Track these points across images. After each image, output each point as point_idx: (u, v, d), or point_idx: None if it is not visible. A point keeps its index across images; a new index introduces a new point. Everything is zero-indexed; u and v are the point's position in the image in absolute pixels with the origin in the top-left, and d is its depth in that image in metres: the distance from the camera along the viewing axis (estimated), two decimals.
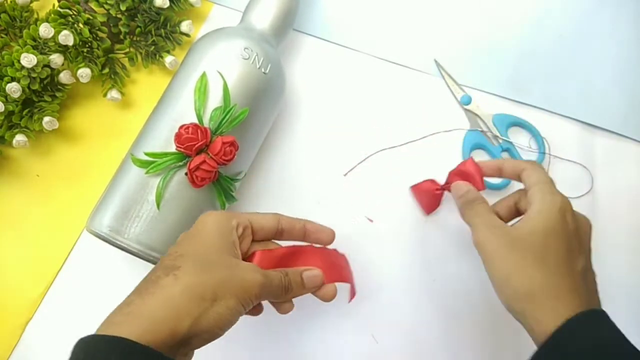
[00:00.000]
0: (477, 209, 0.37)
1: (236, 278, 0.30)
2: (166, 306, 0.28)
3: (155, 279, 0.29)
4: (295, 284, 0.34)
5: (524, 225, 0.34)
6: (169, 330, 0.27)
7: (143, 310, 0.28)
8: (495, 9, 0.54)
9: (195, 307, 0.28)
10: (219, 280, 0.29)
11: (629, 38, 0.54)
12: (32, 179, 0.47)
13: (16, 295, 0.44)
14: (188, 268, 0.29)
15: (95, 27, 0.47)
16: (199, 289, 0.28)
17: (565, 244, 0.33)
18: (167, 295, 0.28)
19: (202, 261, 0.30)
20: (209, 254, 0.31)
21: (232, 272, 0.30)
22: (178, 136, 0.38)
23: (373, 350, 0.44)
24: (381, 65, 0.52)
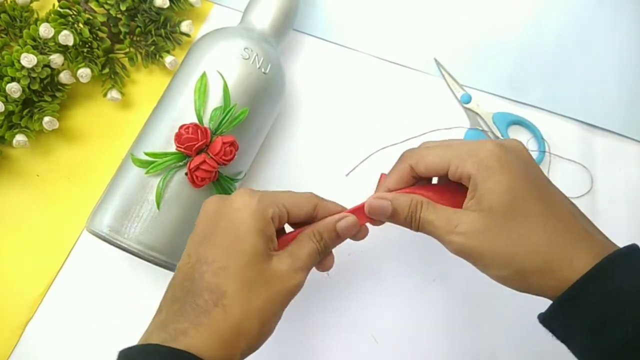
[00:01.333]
0: (424, 219, 0.32)
1: (280, 292, 0.30)
2: (221, 342, 0.28)
3: (205, 306, 0.28)
4: (330, 241, 0.33)
5: (482, 203, 0.29)
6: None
7: (200, 344, 0.27)
8: (495, 9, 0.54)
9: (244, 341, 0.29)
10: (264, 303, 0.29)
11: (629, 38, 0.54)
12: (32, 179, 0.47)
13: (16, 295, 0.44)
14: (234, 295, 0.29)
15: (95, 27, 0.47)
16: (247, 321, 0.29)
17: (536, 191, 0.29)
18: (221, 332, 0.28)
19: (245, 282, 0.29)
20: (249, 267, 0.29)
21: (275, 287, 0.30)
22: (178, 136, 0.38)
23: (373, 350, 0.44)
24: (381, 65, 0.52)
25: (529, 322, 0.44)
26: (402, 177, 0.33)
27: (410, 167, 0.32)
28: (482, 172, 0.29)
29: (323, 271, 0.34)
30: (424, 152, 0.32)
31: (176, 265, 0.39)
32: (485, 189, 0.29)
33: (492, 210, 0.29)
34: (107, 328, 0.44)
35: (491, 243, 0.29)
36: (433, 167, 0.31)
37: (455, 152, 0.31)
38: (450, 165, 0.30)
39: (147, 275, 0.46)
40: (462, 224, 0.30)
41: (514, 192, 0.29)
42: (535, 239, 0.28)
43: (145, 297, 0.45)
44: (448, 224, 0.30)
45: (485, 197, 0.29)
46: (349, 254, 0.46)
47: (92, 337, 0.44)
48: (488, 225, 0.29)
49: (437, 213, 0.31)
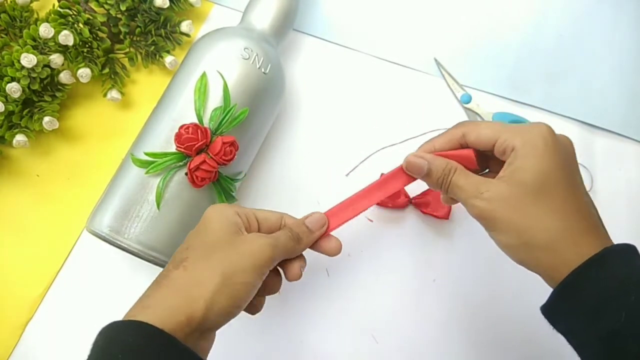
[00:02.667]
0: (455, 183, 0.33)
1: (243, 252, 0.31)
2: (179, 295, 0.29)
3: (167, 272, 0.31)
4: (302, 233, 0.34)
5: (515, 175, 0.31)
6: (185, 316, 0.28)
7: (158, 301, 0.29)
8: (495, 9, 0.54)
9: (206, 291, 0.29)
10: (225, 260, 0.30)
11: (629, 38, 0.54)
12: (32, 179, 0.47)
13: (16, 295, 0.44)
14: (195, 257, 0.31)
15: (95, 27, 0.47)
16: (207, 272, 0.30)
17: (566, 180, 0.31)
18: (179, 285, 0.30)
19: (208, 248, 0.31)
20: (214, 240, 0.31)
21: (238, 248, 0.31)
22: (178, 136, 0.38)
23: (373, 350, 0.44)
24: (381, 65, 0.52)
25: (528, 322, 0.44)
26: (452, 140, 0.34)
27: (462, 134, 0.34)
28: (527, 147, 0.31)
29: (290, 280, 0.35)
30: (480, 123, 0.34)
31: None
32: (523, 163, 0.31)
33: (522, 184, 0.30)
34: None
35: (510, 212, 0.30)
36: (484, 137, 0.33)
37: (509, 128, 0.32)
38: (499, 138, 0.32)
39: (147, 275, 0.45)
40: (488, 191, 0.31)
41: (548, 176, 0.30)
42: (551, 219, 0.30)
43: None
44: (475, 189, 0.32)
45: (520, 171, 0.31)
46: (349, 254, 0.46)
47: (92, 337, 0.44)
48: (513, 196, 0.30)
49: (467, 178, 0.33)
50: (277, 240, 0.33)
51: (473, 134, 0.33)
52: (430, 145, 0.35)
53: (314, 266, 0.46)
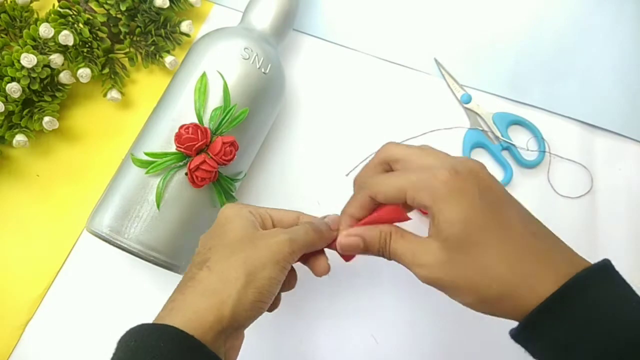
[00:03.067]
0: (394, 251, 0.32)
1: (263, 247, 0.31)
2: (206, 296, 0.29)
3: (192, 275, 0.31)
4: (322, 225, 0.34)
5: (442, 234, 0.29)
6: (214, 317, 0.29)
7: (185, 304, 0.29)
8: (495, 9, 0.54)
9: (232, 290, 0.29)
10: (247, 257, 0.30)
11: (629, 38, 0.54)
12: (32, 179, 0.47)
13: (16, 295, 0.44)
14: (217, 257, 0.31)
15: (95, 27, 0.47)
16: (231, 271, 0.30)
17: (493, 218, 0.29)
18: (205, 286, 0.30)
19: (229, 247, 0.31)
20: (233, 239, 0.32)
21: (257, 244, 0.31)
22: (178, 136, 0.38)
23: (373, 350, 0.44)
24: (381, 65, 0.52)
25: None
26: (364, 205, 0.33)
27: (369, 196, 0.32)
28: (437, 203, 0.29)
29: (319, 275, 0.35)
30: (379, 182, 0.32)
31: (176, 265, 0.39)
32: (441, 219, 0.29)
33: (449, 240, 0.29)
34: (107, 328, 0.44)
35: (452, 273, 0.29)
36: (392, 198, 0.31)
37: (409, 181, 0.30)
38: (407, 196, 0.30)
39: (147, 275, 0.46)
40: (424, 256, 0.30)
41: (469, 222, 0.28)
42: (494, 268, 0.28)
43: (145, 297, 0.45)
44: (413, 256, 0.31)
45: (442, 228, 0.29)
46: None
47: (92, 337, 0.44)
48: (448, 256, 0.29)
49: (403, 244, 0.32)
50: (296, 234, 0.32)
51: (380, 197, 0.32)
52: (347, 217, 0.34)
53: None
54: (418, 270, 0.30)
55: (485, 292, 0.29)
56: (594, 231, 0.48)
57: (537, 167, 0.50)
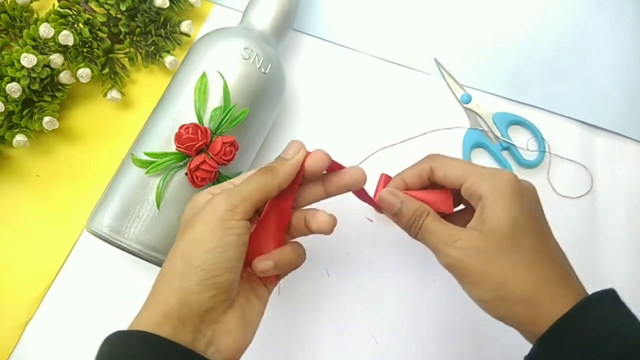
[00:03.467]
0: (426, 227, 0.32)
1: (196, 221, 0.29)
2: (156, 295, 0.29)
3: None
4: (272, 163, 0.32)
5: (485, 225, 0.30)
6: (162, 311, 0.28)
7: (143, 309, 0.29)
8: (495, 9, 0.54)
9: (174, 279, 0.28)
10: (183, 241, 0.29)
11: (629, 38, 0.54)
12: (32, 179, 0.47)
13: (16, 295, 0.44)
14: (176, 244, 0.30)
15: (95, 27, 0.47)
16: (170, 264, 0.29)
17: (535, 227, 0.31)
18: (155, 288, 0.30)
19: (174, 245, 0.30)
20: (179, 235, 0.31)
21: (192, 222, 0.29)
22: (178, 136, 0.38)
23: (373, 350, 0.44)
24: (381, 65, 0.52)
25: None
26: (421, 174, 0.34)
27: (431, 168, 0.33)
28: (495, 195, 0.30)
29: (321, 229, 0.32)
30: (448, 160, 0.33)
31: None
32: (492, 212, 0.30)
33: (494, 233, 0.30)
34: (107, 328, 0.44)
35: (484, 263, 0.30)
36: (452, 176, 0.32)
37: (476, 170, 0.32)
38: (466, 181, 0.31)
39: (147, 275, 0.45)
40: (461, 240, 0.31)
41: (518, 223, 0.30)
42: (526, 271, 0.30)
43: (145, 297, 0.45)
44: (449, 237, 0.31)
45: (490, 220, 0.30)
46: (348, 254, 0.46)
47: (92, 337, 0.44)
48: (486, 246, 0.30)
49: (439, 226, 0.32)
50: (233, 185, 0.30)
51: (441, 172, 0.33)
52: (400, 179, 0.35)
53: (313, 266, 0.46)
54: (449, 251, 0.31)
55: (509, 291, 0.29)
56: (594, 231, 0.48)
57: (537, 167, 0.50)
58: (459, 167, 0.32)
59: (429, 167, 0.33)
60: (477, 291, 0.30)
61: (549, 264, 0.30)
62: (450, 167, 0.32)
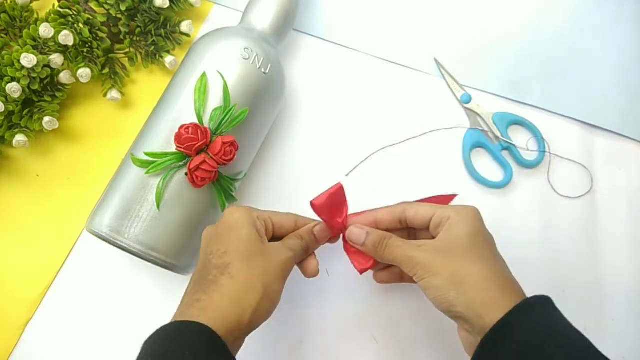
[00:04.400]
0: (392, 246, 0.37)
1: (274, 262, 0.35)
2: (231, 302, 0.32)
3: (214, 278, 0.33)
4: (310, 242, 0.38)
5: (449, 234, 0.35)
6: (236, 323, 0.32)
7: (213, 306, 0.32)
8: (495, 9, 0.54)
9: (253, 299, 0.33)
10: (263, 270, 0.34)
11: (629, 38, 0.54)
12: (32, 179, 0.47)
13: (16, 295, 0.44)
14: (237, 265, 0.33)
15: (95, 27, 0.47)
16: (252, 282, 0.33)
17: (492, 244, 0.36)
18: (229, 293, 0.33)
19: (245, 255, 0.34)
20: (248, 248, 0.34)
21: (269, 258, 0.35)
22: (178, 136, 0.38)
23: (373, 350, 0.44)
24: (381, 65, 0.52)
25: None
26: (393, 214, 0.38)
27: (402, 209, 0.38)
28: (460, 216, 0.35)
29: (309, 276, 0.39)
30: (419, 203, 0.38)
31: (176, 265, 0.40)
32: (457, 226, 0.35)
33: (455, 240, 0.35)
34: (107, 328, 0.44)
35: (445, 258, 0.34)
36: (422, 212, 0.37)
37: (444, 206, 0.37)
38: (436, 212, 0.36)
39: (147, 275, 0.46)
40: (426, 244, 0.36)
41: (478, 237, 0.35)
42: (481, 264, 0.34)
43: (145, 297, 0.45)
44: (414, 244, 0.36)
45: (454, 232, 0.35)
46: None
47: (92, 337, 0.44)
48: (448, 247, 0.35)
49: (404, 241, 0.37)
50: (295, 252, 0.37)
51: (412, 210, 0.37)
52: (371, 215, 0.39)
53: None
54: (416, 252, 0.35)
55: (465, 278, 0.33)
56: (594, 231, 0.48)
57: (537, 167, 0.50)
58: (428, 206, 0.37)
59: (402, 208, 0.38)
60: (436, 280, 0.34)
61: (500, 267, 0.35)
62: (421, 206, 0.37)
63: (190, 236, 0.40)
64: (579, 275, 0.47)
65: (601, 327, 0.46)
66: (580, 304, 0.46)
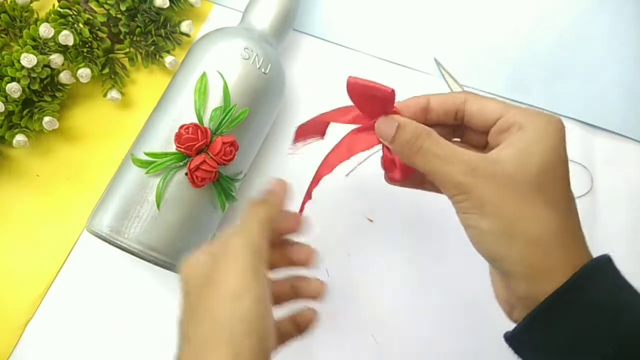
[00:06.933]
0: (428, 151, 0.27)
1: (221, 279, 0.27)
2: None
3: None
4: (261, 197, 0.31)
5: (518, 155, 0.27)
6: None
7: None
8: (495, 9, 0.54)
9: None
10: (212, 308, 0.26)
11: (629, 38, 0.54)
12: (32, 179, 0.47)
13: (16, 295, 0.44)
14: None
15: (95, 27, 0.47)
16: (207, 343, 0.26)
17: (566, 177, 0.28)
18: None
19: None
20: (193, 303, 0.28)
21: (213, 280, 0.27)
22: (178, 136, 0.38)
23: (373, 350, 0.44)
24: (381, 65, 0.52)
25: None
26: (451, 103, 0.30)
27: (464, 99, 0.30)
28: (539, 132, 0.27)
29: (315, 298, 0.34)
30: (485, 97, 0.30)
31: (176, 265, 0.39)
32: (532, 147, 0.27)
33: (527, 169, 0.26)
34: (107, 328, 0.44)
35: (507, 194, 0.26)
36: (489, 110, 0.29)
37: (519, 107, 0.29)
38: (507, 113, 0.28)
39: (148, 275, 0.46)
40: (480, 166, 0.26)
41: (555, 169, 0.27)
42: (549, 213, 0.26)
43: (145, 297, 0.45)
44: (463, 158, 0.27)
45: (527, 154, 0.26)
46: (349, 254, 0.46)
47: (92, 337, 0.44)
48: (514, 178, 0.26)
49: (450, 146, 0.28)
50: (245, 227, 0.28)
51: (476, 104, 0.29)
52: (424, 98, 0.30)
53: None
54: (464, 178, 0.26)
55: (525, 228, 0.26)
56: (594, 231, 0.48)
57: None
58: (497, 102, 0.29)
59: (463, 98, 0.29)
60: (486, 221, 0.26)
61: (570, 213, 0.27)
62: (488, 101, 0.29)
63: (190, 236, 0.40)
64: None
65: None
66: None
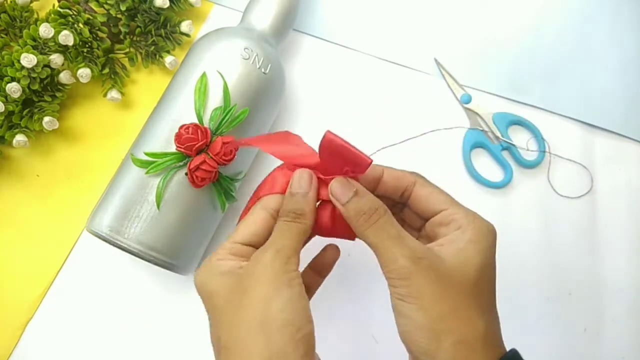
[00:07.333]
0: (382, 228, 0.29)
1: (253, 294, 0.28)
2: None
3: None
4: (296, 204, 0.31)
5: (454, 256, 0.28)
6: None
7: None
8: (495, 9, 0.54)
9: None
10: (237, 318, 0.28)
11: (629, 38, 0.54)
12: (32, 179, 0.47)
13: (16, 295, 0.44)
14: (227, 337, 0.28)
15: (95, 27, 0.47)
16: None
17: (494, 280, 0.29)
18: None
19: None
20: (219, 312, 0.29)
21: (248, 292, 0.28)
22: (178, 136, 0.38)
23: (373, 350, 0.44)
24: (381, 65, 0.52)
25: (526, 323, 0.44)
26: (402, 179, 0.31)
27: (414, 182, 0.31)
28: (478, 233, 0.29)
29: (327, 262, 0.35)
30: (434, 185, 0.31)
31: (176, 265, 0.40)
32: (471, 248, 0.28)
33: (466, 269, 0.28)
34: (107, 328, 0.44)
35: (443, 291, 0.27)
36: (436, 199, 0.30)
37: (461, 205, 0.30)
38: (450, 208, 0.30)
39: (148, 275, 0.46)
40: (427, 256, 0.28)
41: (488, 272, 0.29)
42: (479, 317, 0.27)
43: (145, 297, 0.45)
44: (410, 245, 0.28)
45: (467, 254, 0.28)
46: (349, 254, 0.46)
47: (92, 337, 0.44)
48: (452, 274, 0.27)
49: (401, 230, 0.29)
50: (278, 240, 0.29)
51: (425, 190, 0.30)
52: (379, 169, 0.32)
53: None
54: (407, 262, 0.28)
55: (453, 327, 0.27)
56: (594, 231, 0.48)
57: (537, 167, 0.50)
58: (445, 195, 0.30)
59: (414, 180, 0.31)
60: (420, 315, 0.27)
61: (495, 323, 0.29)
62: (437, 192, 0.30)
63: (190, 236, 0.40)
64: (579, 276, 0.47)
65: (601, 327, 0.46)
66: (580, 304, 0.46)
